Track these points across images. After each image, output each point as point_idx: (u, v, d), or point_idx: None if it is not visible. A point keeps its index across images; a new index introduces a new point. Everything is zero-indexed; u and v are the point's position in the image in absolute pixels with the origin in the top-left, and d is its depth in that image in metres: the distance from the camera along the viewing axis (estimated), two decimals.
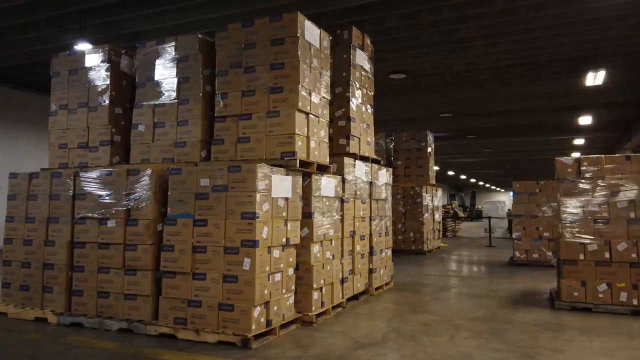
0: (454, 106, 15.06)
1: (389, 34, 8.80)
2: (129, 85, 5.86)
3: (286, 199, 4.64)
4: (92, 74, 5.74)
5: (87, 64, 5.77)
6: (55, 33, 8.74)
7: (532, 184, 9.92)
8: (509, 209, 23.29)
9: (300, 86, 4.77)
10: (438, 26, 8.52)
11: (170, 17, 7.94)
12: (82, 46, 7.54)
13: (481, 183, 53.87)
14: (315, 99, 5.10)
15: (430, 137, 13.30)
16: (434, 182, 13.42)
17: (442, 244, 14.01)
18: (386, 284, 6.98)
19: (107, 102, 5.65)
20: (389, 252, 7.25)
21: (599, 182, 5.75)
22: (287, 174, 4.67)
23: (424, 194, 12.22)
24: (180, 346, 4.12)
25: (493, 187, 58.85)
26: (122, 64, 5.84)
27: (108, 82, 5.66)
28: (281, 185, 4.55)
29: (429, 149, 13.15)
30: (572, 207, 5.84)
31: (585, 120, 15.44)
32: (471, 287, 7.31)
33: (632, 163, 5.71)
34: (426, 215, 12.27)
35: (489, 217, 16.37)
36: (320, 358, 3.84)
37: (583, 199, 5.79)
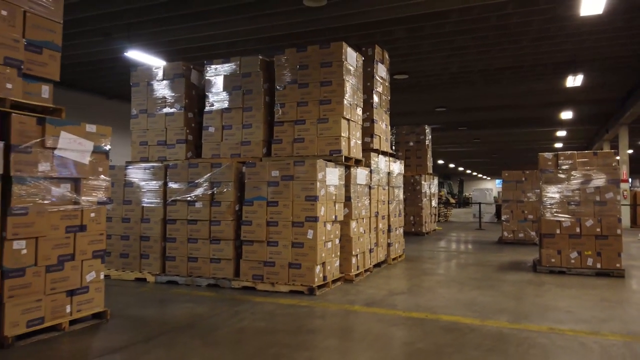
0: (448, 102, 16.54)
1: (396, 42, 10.18)
2: (197, 94, 7.21)
3: (335, 185, 6.09)
4: (168, 85, 7.07)
5: (165, 76, 7.10)
6: (103, 40, 9.92)
7: (518, 174, 11.50)
8: (495, 196, 25.03)
9: (344, 99, 6.19)
10: (438, 37, 9.92)
11: (203, 29, 9.15)
12: (147, 59, 8.79)
13: (469, 171, 55.77)
14: (353, 108, 6.53)
15: (428, 131, 14.80)
16: (431, 171, 14.96)
17: (437, 227, 15.61)
18: (399, 256, 8.50)
19: (182, 108, 7.00)
20: (401, 230, 8.77)
21: (573, 172, 7.30)
22: (335, 167, 6.12)
23: (422, 182, 13.76)
24: (261, 294, 5.57)
25: (480, 175, 60.92)
26: (192, 76, 7.18)
27: (182, 92, 7.00)
28: (332, 175, 5.99)
29: (427, 142, 14.67)
30: (551, 192, 7.38)
31: (566, 115, 17.05)
32: (468, 259, 8.87)
33: (598, 158, 7.25)
34: (424, 200, 13.82)
35: (479, 203, 17.98)
36: (367, 301, 5.33)
37: (560, 186, 7.34)
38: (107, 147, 4.45)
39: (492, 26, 9.31)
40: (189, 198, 6.25)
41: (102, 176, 4.39)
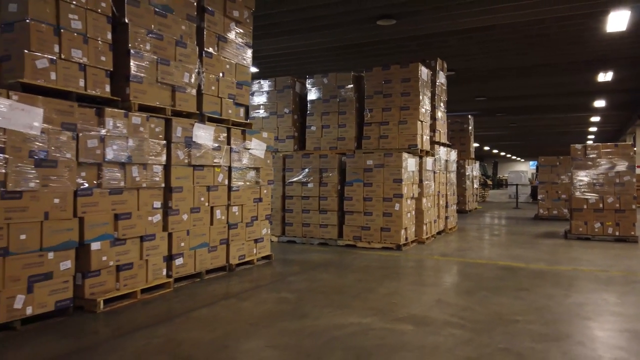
0: (487, 92, 18.22)
1: (448, 48, 12.03)
2: (300, 101, 9.37)
3: (413, 171, 8.17)
4: (280, 94, 9.25)
5: (276, 87, 9.27)
6: None
7: (553, 159, 13.29)
8: (529, 178, 26.51)
9: (419, 106, 8.22)
10: (484, 44, 11.70)
11: (285, 42, 11.16)
12: None
13: (502, 153, 56.61)
14: (425, 112, 8.56)
15: (471, 120, 16.60)
16: (473, 156, 16.80)
17: (477, 206, 17.50)
18: (453, 227, 10.56)
19: (290, 112, 9.17)
20: (455, 206, 10.80)
21: (598, 160, 9.14)
22: (413, 157, 8.19)
23: (466, 165, 15.65)
24: (361, 249, 7.75)
25: (514, 157, 61.57)
26: (296, 87, 9.33)
27: (291, 99, 9.17)
28: (411, 163, 8.07)
29: (470, 129, 16.49)
30: (580, 176, 9.25)
31: (599, 103, 18.47)
32: (510, 229, 10.85)
33: (619, 148, 9.08)
34: (467, 182, 15.73)
35: (516, 185, 19.72)
36: (441, 253, 7.44)
37: (588, 171, 9.19)
38: (271, 146, 6.66)
39: (533, 35, 11.06)
40: (303, 180, 8.46)
41: (270, 165, 6.62)
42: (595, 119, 23.64)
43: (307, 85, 9.20)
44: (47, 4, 3.94)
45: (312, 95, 9.10)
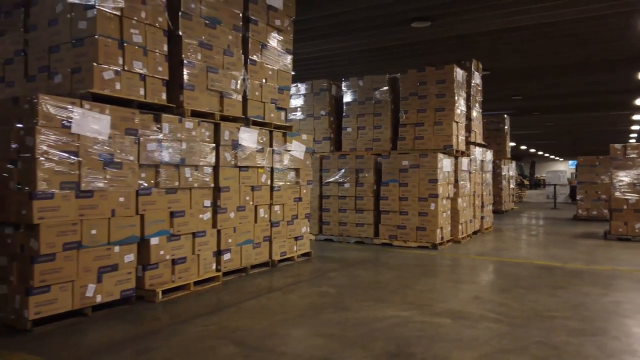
0: (522, 91, 17.95)
1: (482, 48, 11.99)
2: (336, 103, 9.62)
3: (448, 171, 8.29)
4: (316, 97, 9.53)
5: (313, 90, 9.56)
6: None
7: (593, 159, 13.05)
8: (568, 178, 25.89)
9: (455, 107, 8.33)
10: (516, 44, 11.62)
11: (321, 45, 11.41)
12: None
13: (540, 152, 55.21)
14: (460, 113, 8.66)
15: (506, 119, 16.44)
16: (509, 156, 16.63)
17: (514, 207, 17.30)
18: (489, 227, 10.57)
19: (326, 114, 9.44)
20: (491, 206, 10.81)
21: (639, 160, 9.00)
22: (448, 158, 8.31)
23: (502, 165, 15.52)
24: (397, 248, 7.93)
25: (552, 157, 59.91)
26: (332, 89, 9.59)
27: (327, 101, 9.43)
28: (446, 164, 8.19)
29: (506, 129, 16.33)
30: (620, 176, 9.13)
31: None
32: (547, 230, 10.77)
33: None
34: (504, 182, 15.60)
35: (554, 185, 19.35)
36: (477, 252, 7.54)
37: (628, 171, 9.06)
38: (310, 148, 6.93)
39: (565, 35, 10.92)
40: (339, 180, 8.71)
41: (309, 166, 6.90)
42: (638, 117, 22.87)
43: (342, 88, 9.44)
44: (112, 21, 4.34)
45: (348, 97, 9.34)
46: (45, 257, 3.69)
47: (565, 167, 50.68)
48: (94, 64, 4.20)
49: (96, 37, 4.22)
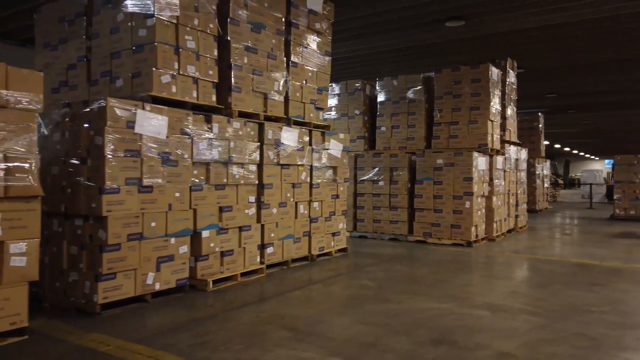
0: (558, 88, 17.66)
1: (516, 46, 11.92)
2: (370, 102, 9.80)
3: (483, 170, 8.36)
4: (351, 96, 9.74)
5: (347, 89, 9.76)
6: None
7: (630, 158, 12.80)
8: (605, 177, 25.23)
9: (490, 106, 8.39)
10: (553, 40, 11.51)
11: (356, 45, 11.60)
12: None
13: (575, 151, 53.77)
14: (495, 111, 8.70)
15: (541, 117, 16.24)
16: (543, 155, 16.41)
17: (548, 206, 17.07)
18: (523, 226, 10.55)
19: (360, 113, 9.63)
20: (525, 205, 10.78)
21: None
22: (483, 156, 8.37)
23: (536, 164, 15.35)
24: (432, 245, 8.06)
25: (587, 155, 58.24)
26: (366, 89, 9.77)
27: (361, 101, 9.63)
28: (481, 162, 8.27)
29: (540, 127, 16.14)
30: None
31: None
32: (583, 229, 10.66)
33: None
34: (538, 182, 15.43)
35: (590, 184, 18.97)
36: (513, 250, 7.60)
37: None
38: (347, 147, 7.15)
39: (605, 31, 10.76)
40: (374, 178, 8.89)
41: (346, 164, 7.12)
42: None
43: (376, 87, 9.61)
44: (169, 28, 4.66)
45: (382, 96, 9.50)
46: (112, 247, 4.04)
47: (601, 166, 49.25)
48: (153, 68, 4.53)
49: (155, 43, 4.54)
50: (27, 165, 3.40)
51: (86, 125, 4.15)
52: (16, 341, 3.36)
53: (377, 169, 8.88)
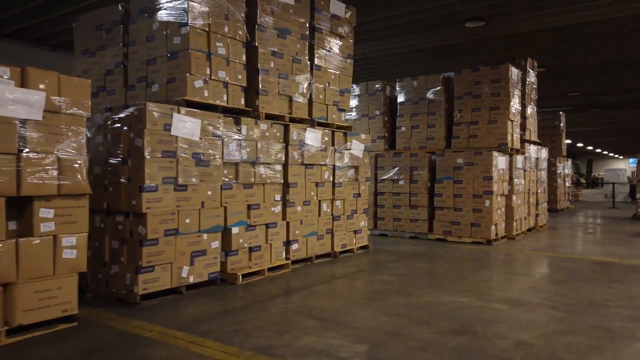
0: (581, 87, 17.51)
1: (537, 46, 11.93)
2: (390, 103, 9.97)
3: (502, 169, 8.46)
4: (371, 97, 9.92)
5: (368, 90, 9.96)
6: None
7: None
8: (629, 176, 24.82)
9: (509, 106, 8.48)
10: (576, 41, 11.48)
11: (376, 45, 11.74)
12: None
13: (598, 150, 52.79)
14: (515, 111, 8.79)
15: (562, 116, 16.15)
16: (565, 154, 16.31)
17: (570, 206, 16.95)
18: (544, 225, 10.58)
19: (380, 114, 9.81)
20: (545, 204, 10.81)
21: None
22: (503, 156, 8.47)
23: (557, 164, 15.28)
24: (451, 243, 8.20)
25: (610, 154, 57.12)
26: (386, 90, 9.94)
27: (381, 102, 9.81)
28: (500, 161, 8.37)
29: (561, 126, 16.04)
30: None
31: None
32: (604, 228, 10.64)
33: None
34: (559, 181, 15.35)
35: (613, 183, 18.75)
36: (533, 248, 7.69)
37: None
38: (368, 147, 7.34)
39: (629, 30, 10.71)
40: (394, 177, 9.07)
41: (367, 164, 7.31)
42: None
43: (396, 88, 9.78)
44: (202, 36, 4.94)
45: (402, 97, 9.66)
46: (151, 242, 4.33)
47: (625, 165, 48.24)
48: (187, 74, 4.81)
49: (189, 50, 4.82)
50: (77, 165, 3.70)
51: (126, 128, 4.45)
52: (67, 327, 3.66)
53: (397, 168, 9.06)
